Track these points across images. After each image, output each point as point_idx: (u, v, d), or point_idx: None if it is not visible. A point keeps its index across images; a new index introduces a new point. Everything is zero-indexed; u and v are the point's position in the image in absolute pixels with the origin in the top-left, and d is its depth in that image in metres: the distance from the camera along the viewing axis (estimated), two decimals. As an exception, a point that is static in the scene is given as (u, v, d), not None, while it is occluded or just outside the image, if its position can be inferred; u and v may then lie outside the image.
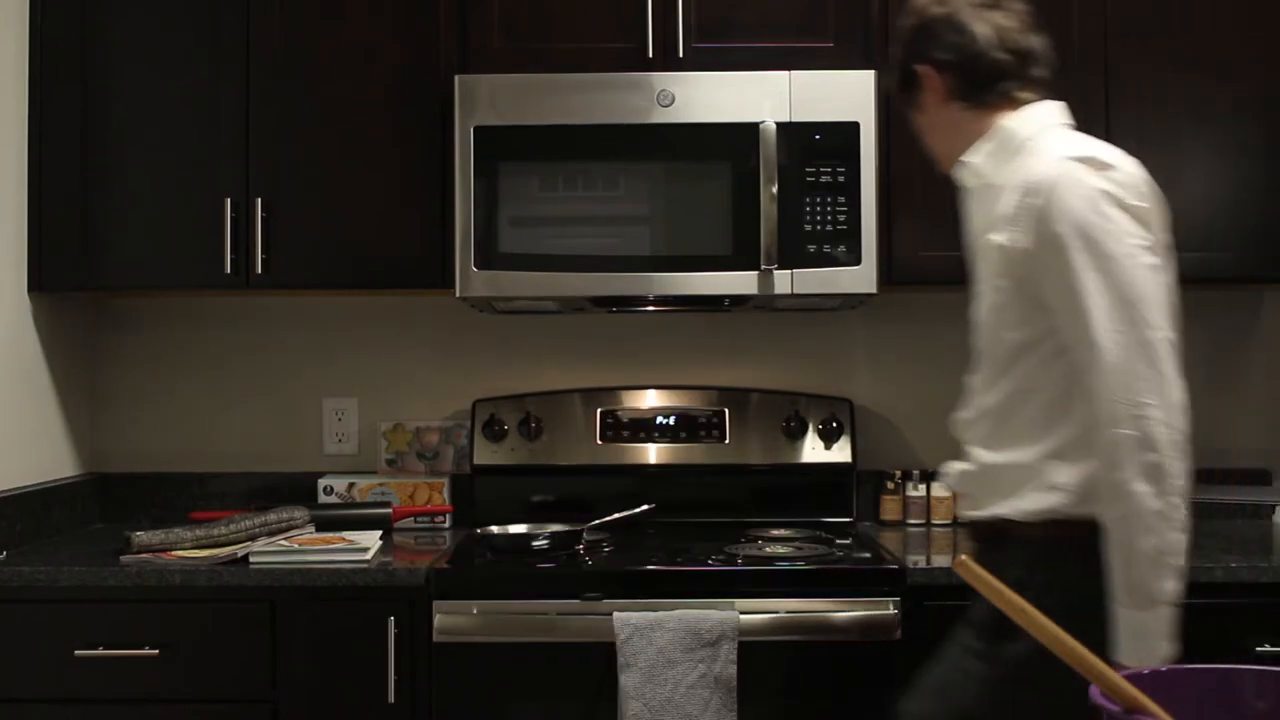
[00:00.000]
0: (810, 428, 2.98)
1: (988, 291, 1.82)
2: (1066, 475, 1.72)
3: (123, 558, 2.47)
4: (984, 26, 1.84)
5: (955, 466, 1.91)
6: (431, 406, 3.11)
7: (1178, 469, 1.64)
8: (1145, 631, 1.66)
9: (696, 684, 2.25)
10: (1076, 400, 1.71)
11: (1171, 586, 1.66)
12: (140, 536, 2.52)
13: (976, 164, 1.87)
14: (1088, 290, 1.66)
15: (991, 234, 1.80)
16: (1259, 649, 2.34)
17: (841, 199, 2.63)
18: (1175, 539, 1.64)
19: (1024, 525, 1.75)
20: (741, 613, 2.31)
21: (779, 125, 2.61)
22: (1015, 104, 1.87)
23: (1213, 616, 2.37)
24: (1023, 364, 1.77)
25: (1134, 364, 1.65)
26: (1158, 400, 1.64)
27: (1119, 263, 1.66)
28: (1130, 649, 1.65)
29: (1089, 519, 1.68)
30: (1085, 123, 2.70)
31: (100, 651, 2.38)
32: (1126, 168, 1.74)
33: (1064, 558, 1.70)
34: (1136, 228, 1.69)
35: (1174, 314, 1.74)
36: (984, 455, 1.84)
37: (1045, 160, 1.74)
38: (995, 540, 1.81)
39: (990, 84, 1.85)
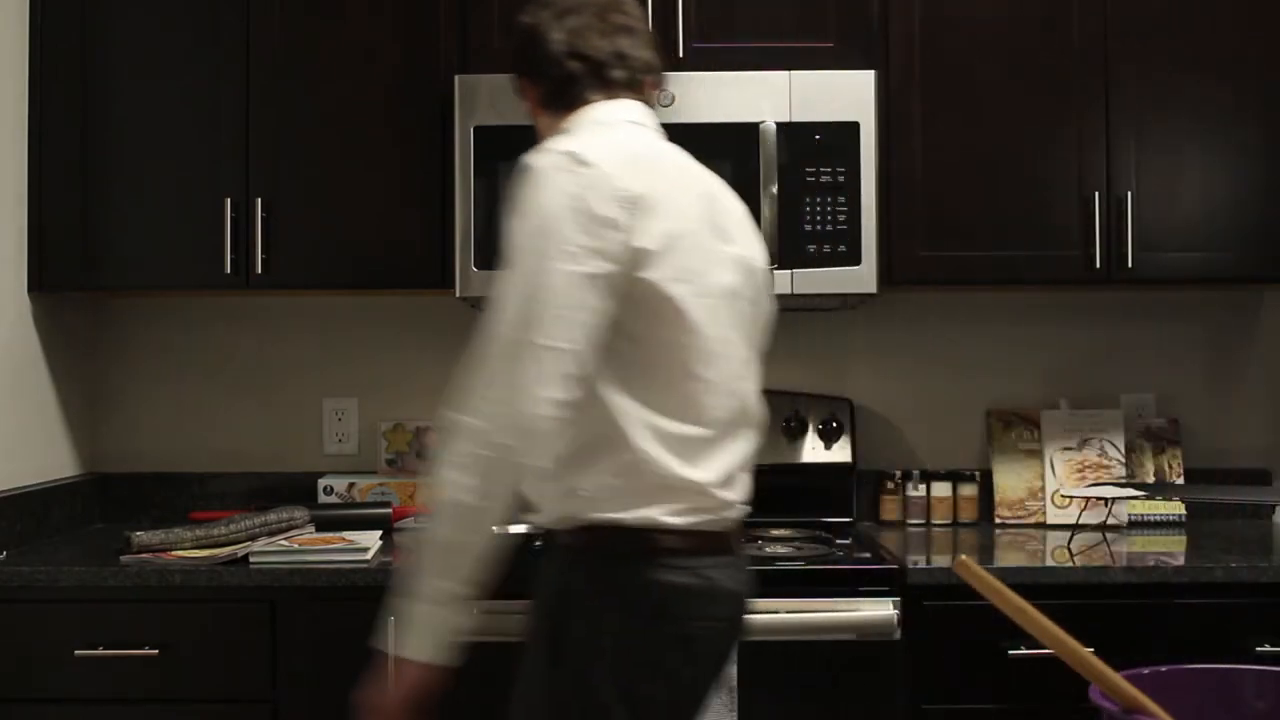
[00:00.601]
0: (810, 428, 2.98)
1: None
2: (584, 479, 1.67)
3: (123, 558, 2.47)
4: (559, 34, 1.81)
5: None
6: (431, 406, 3.08)
7: (496, 474, 1.57)
8: (401, 619, 1.63)
9: (696, 684, 2.25)
10: (586, 404, 1.64)
11: (442, 585, 1.61)
12: (140, 536, 2.52)
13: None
14: (503, 280, 1.63)
15: None
16: (1259, 649, 2.34)
17: (841, 199, 2.63)
18: (465, 540, 1.60)
19: (561, 532, 1.71)
20: (741, 613, 2.31)
21: (779, 125, 2.61)
22: (584, 105, 1.81)
23: (1213, 616, 2.38)
24: None
25: (494, 360, 1.59)
26: (495, 399, 1.57)
27: (540, 263, 1.59)
28: (392, 635, 1.64)
29: (612, 524, 1.65)
30: (1086, 123, 2.73)
31: (100, 651, 2.38)
32: (607, 168, 1.64)
33: (595, 563, 1.67)
34: (585, 234, 1.60)
35: (595, 328, 1.62)
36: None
37: (539, 152, 1.69)
38: (547, 547, 1.77)
39: (564, 91, 1.81)
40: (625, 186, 1.64)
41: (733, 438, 1.75)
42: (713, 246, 1.74)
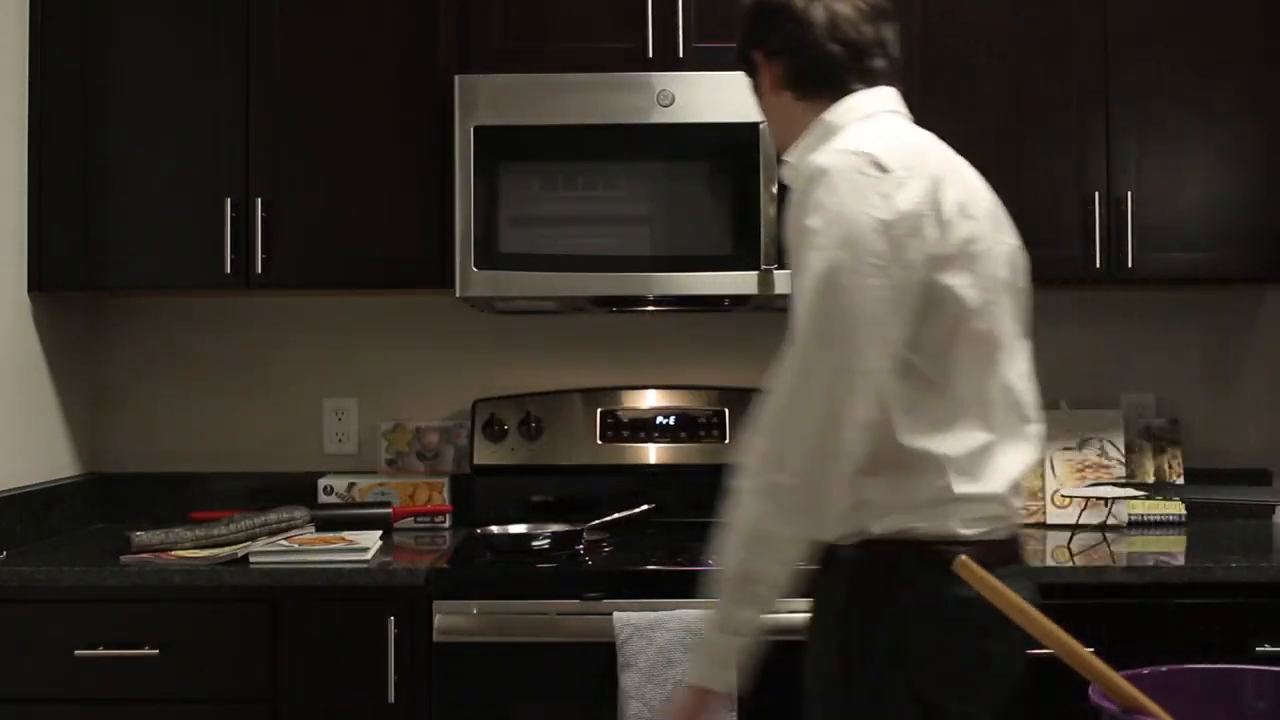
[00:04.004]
0: (810, 428, 2.98)
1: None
2: (874, 493, 1.60)
3: (123, 558, 2.47)
4: (820, 13, 1.70)
5: None
6: (431, 406, 3.10)
7: (801, 503, 1.53)
8: (699, 645, 1.62)
9: (696, 684, 2.25)
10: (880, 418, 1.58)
11: (740, 614, 1.57)
12: (140, 536, 2.52)
13: (792, 162, 1.72)
14: (804, 293, 1.55)
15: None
16: (1259, 649, 2.34)
17: (841, 199, 2.62)
18: (765, 570, 1.54)
19: (844, 547, 1.63)
20: (741, 613, 2.31)
21: (779, 125, 2.61)
22: (845, 95, 1.71)
23: (1213, 616, 2.38)
24: None
25: (800, 379, 1.53)
26: (805, 426, 1.52)
27: (849, 279, 1.52)
28: (693, 662, 1.63)
29: (901, 536, 1.59)
30: (1086, 123, 2.73)
31: (100, 651, 2.38)
32: (903, 174, 1.57)
33: (886, 577, 1.60)
34: (891, 246, 1.54)
35: (898, 344, 1.57)
36: None
37: (829, 151, 1.60)
38: (825, 563, 1.68)
39: (821, 76, 1.71)
40: (922, 194, 1.57)
41: (1013, 444, 1.66)
42: (997, 241, 1.68)
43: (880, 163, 1.57)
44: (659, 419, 2.98)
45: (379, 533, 2.70)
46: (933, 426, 1.58)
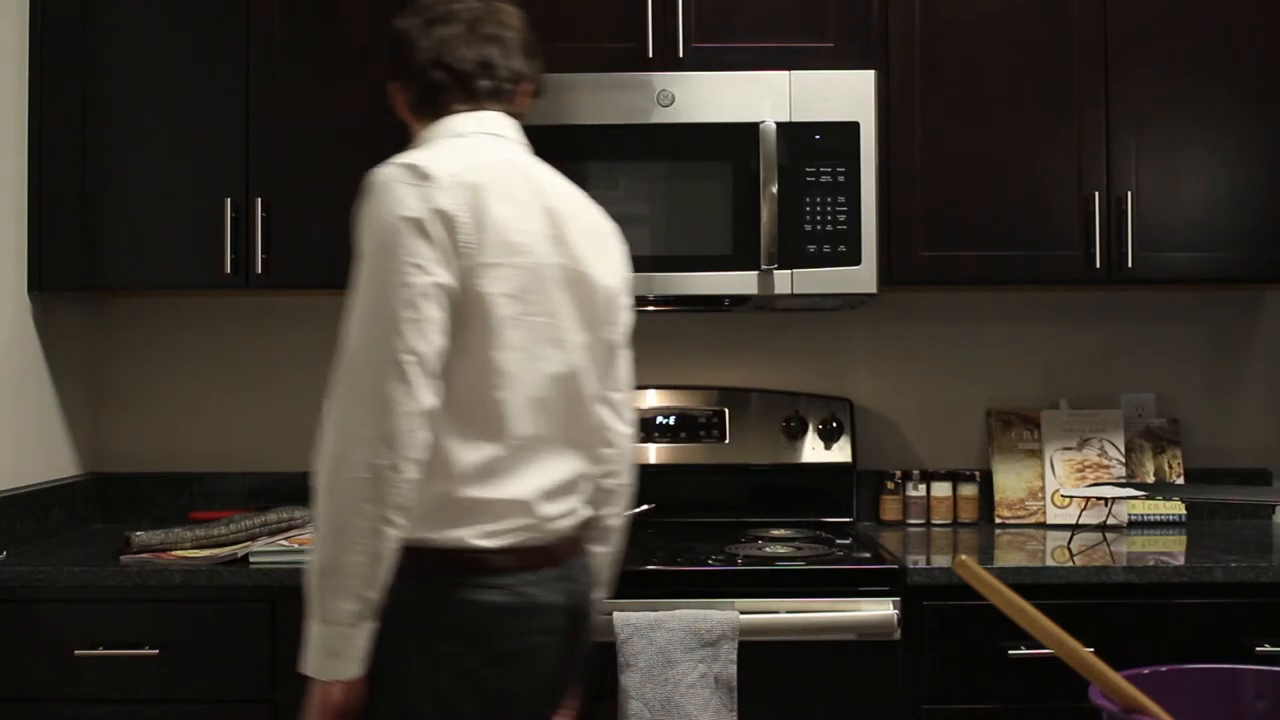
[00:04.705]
0: (810, 428, 2.98)
1: None
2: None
3: (123, 558, 2.47)
4: (426, 42, 1.81)
5: None
6: (431, 406, 3.10)
7: (375, 494, 1.56)
8: (305, 638, 1.61)
9: (696, 684, 2.25)
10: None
11: (335, 606, 1.58)
12: (140, 536, 2.52)
13: None
14: (353, 297, 1.65)
15: None
16: (1259, 649, 2.34)
17: (841, 199, 2.63)
18: (350, 561, 1.56)
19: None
20: (741, 613, 2.31)
21: (779, 125, 2.62)
22: (446, 115, 1.82)
23: (1213, 616, 2.39)
24: None
25: (356, 379, 1.62)
26: (363, 420, 1.58)
27: (385, 278, 1.62)
28: (305, 655, 1.62)
29: (425, 545, 1.65)
30: (1086, 123, 2.73)
31: (100, 651, 2.38)
32: (446, 183, 1.65)
33: (410, 585, 1.64)
34: (425, 246, 1.61)
35: (443, 336, 1.63)
36: None
37: (386, 164, 1.70)
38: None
39: (429, 99, 1.82)
40: (463, 200, 1.64)
41: (551, 454, 1.73)
42: (549, 263, 1.73)
43: (423, 171, 1.65)
44: (659, 419, 2.98)
45: (379, 533, 2.70)
46: (458, 432, 1.65)
